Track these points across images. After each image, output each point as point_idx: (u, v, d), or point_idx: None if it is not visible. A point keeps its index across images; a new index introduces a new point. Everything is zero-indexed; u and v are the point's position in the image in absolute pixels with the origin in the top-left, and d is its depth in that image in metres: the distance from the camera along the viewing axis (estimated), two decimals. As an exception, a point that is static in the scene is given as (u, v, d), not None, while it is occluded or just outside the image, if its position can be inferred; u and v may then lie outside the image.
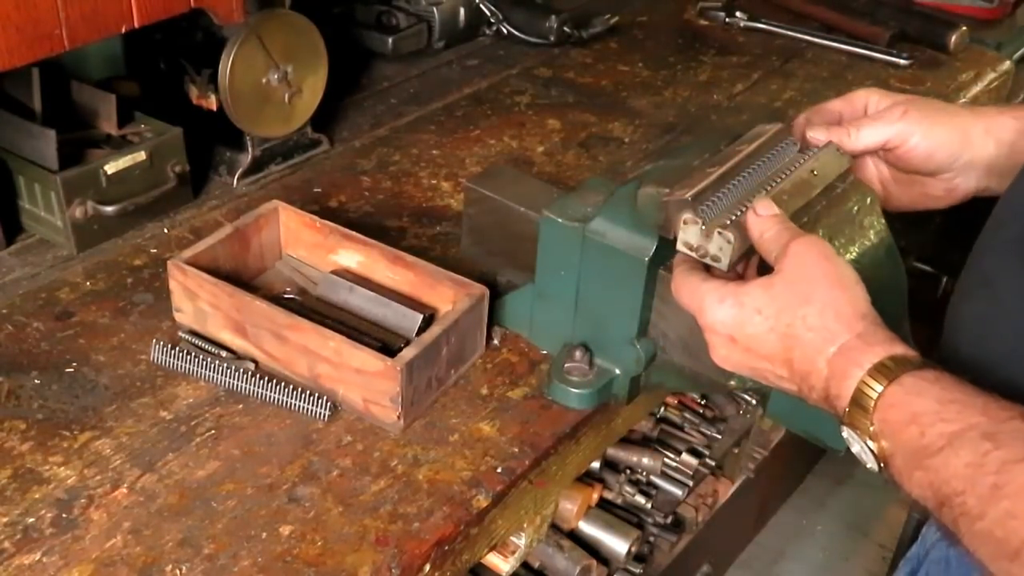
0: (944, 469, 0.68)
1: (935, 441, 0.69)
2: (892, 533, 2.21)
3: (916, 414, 0.71)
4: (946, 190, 1.00)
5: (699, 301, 0.84)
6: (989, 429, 0.67)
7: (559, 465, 1.04)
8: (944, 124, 0.97)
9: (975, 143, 0.96)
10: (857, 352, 0.76)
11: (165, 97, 1.35)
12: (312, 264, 1.16)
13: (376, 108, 1.59)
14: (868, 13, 1.89)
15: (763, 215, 0.86)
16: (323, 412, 0.99)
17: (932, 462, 0.69)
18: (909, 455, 0.71)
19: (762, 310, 0.80)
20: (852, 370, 0.75)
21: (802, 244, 0.81)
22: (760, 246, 0.85)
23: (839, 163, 0.97)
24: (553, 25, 1.77)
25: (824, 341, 0.77)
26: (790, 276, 0.80)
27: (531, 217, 1.07)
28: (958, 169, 0.97)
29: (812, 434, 0.98)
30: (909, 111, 0.97)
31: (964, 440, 0.67)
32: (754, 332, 0.81)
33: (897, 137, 0.96)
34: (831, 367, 0.77)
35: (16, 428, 0.97)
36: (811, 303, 0.79)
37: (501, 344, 1.11)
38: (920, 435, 0.70)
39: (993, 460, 0.65)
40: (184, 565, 0.85)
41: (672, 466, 1.58)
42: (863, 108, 1.01)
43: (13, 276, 1.18)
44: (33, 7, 0.94)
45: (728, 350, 0.84)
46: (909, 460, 0.71)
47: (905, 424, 0.71)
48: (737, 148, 0.96)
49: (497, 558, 1.12)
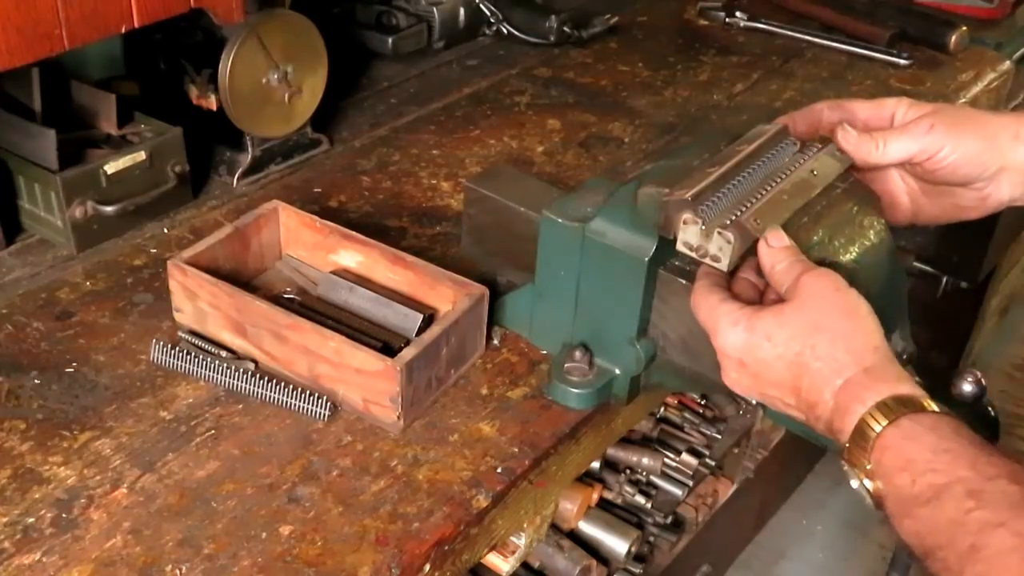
0: (929, 521, 0.68)
1: (924, 491, 0.69)
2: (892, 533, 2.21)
3: (909, 461, 0.71)
4: (978, 200, 0.98)
5: (714, 322, 0.84)
6: (975, 486, 0.67)
7: (559, 465, 1.04)
8: (973, 133, 0.95)
9: (1005, 149, 0.95)
10: (861, 388, 0.75)
11: (165, 97, 1.35)
12: (312, 264, 1.16)
13: (376, 108, 1.59)
14: (868, 13, 1.89)
15: (775, 246, 0.85)
16: (323, 412, 0.99)
17: (920, 512, 0.69)
18: (900, 502, 0.71)
19: (772, 337, 0.80)
20: (855, 406, 0.75)
21: (814, 276, 0.81)
22: (771, 277, 0.85)
23: (839, 163, 0.96)
24: (553, 25, 1.77)
25: (832, 372, 0.77)
26: (801, 306, 0.80)
27: (531, 217, 1.07)
28: (989, 178, 0.96)
29: (812, 434, 0.97)
30: (936, 124, 0.94)
31: (950, 495, 0.68)
32: (763, 358, 0.81)
33: (923, 152, 0.95)
34: (836, 400, 0.77)
35: (16, 428, 0.97)
36: (822, 332, 0.78)
37: (501, 344, 1.11)
38: (911, 483, 0.70)
39: (974, 520, 0.66)
40: (184, 565, 0.85)
41: (672, 466, 1.58)
42: (890, 117, 0.99)
43: (13, 276, 1.18)
44: (33, 7, 0.94)
45: (738, 374, 0.84)
46: (900, 507, 0.71)
47: (898, 470, 0.71)
48: (737, 148, 0.96)
49: (497, 558, 1.12)
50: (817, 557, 2.43)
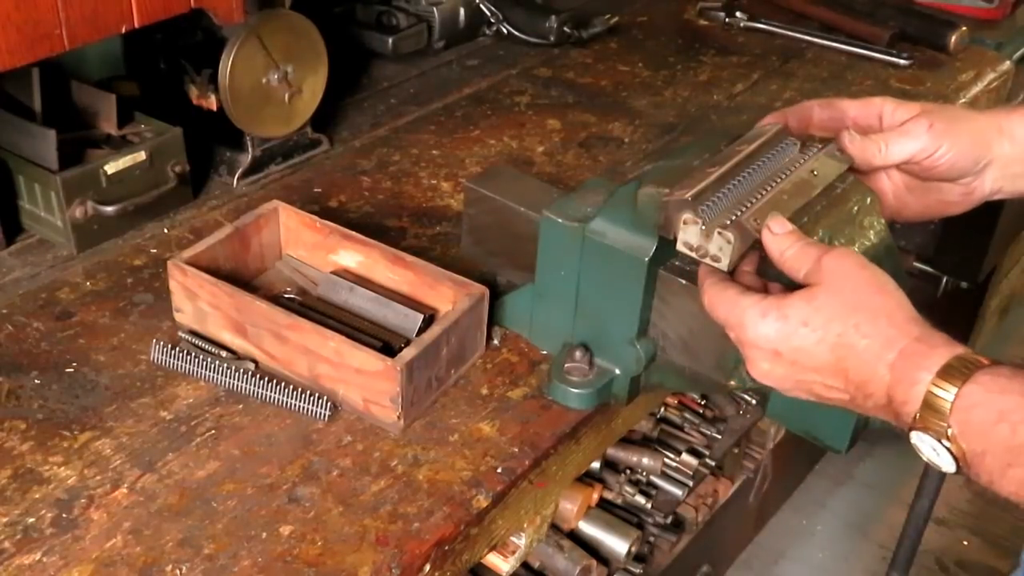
0: None
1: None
2: (892, 533, 2.21)
3: (1004, 411, 0.70)
4: (963, 195, 0.99)
5: (739, 317, 0.82)
6: None
7: (559, 465, 1.04)
8: (965, 130, 0.96)
9: (992, 144, 0.96)
10: (920, 356, 0.74)
11: (165, 97, 1.35)
12: (312, 264, 1.16)
13: (376, 108, 1.59)
14: (868, 13, 1.89)
15: (779, 233, 0.85)
16: (323, 412, 0.99)
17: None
18: (1002, 454, 0.70)
19: (808, 322, 0.79)
20: (919, 374, 0.74)
21: (836, 256, 0.81)
22: (783, 264, 0.84)
23: (839, 163, 0.96)
24: (553, 25, 1.77)
25: (883, 347, 0.76)
26: (832, 287, 0.79)
27: (531, 217, 1.07)
28: (977, 172, 0.97)
29: (812, 434, 0.98)
30: (935, 123, 0.96)
31: None
32: (801, 345, 0.79)
33: (924, 151, 0.96)
34: (894, 373, 0.75)
35: (16, 428, 0.97)
36: (861, 311, 0.78)
37: (501, 344, 1.11)
38: (1012, 432, 0.69)
39: None
40: (184, 565, 0.85)
41: (672, 466, 1.58)
42: (877, 115, 1.00)
43: (13, 276, 1.18)
44: (33, 7, 0.94)
45: (771, 364, 0.82)
46: (1001, 458, 0.70)
47: (994, 423, 0.70)
48: (737, 148, 0.96)
49: (497, 558, 1.12)
50: (817, 557, 2.43)
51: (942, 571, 2.38)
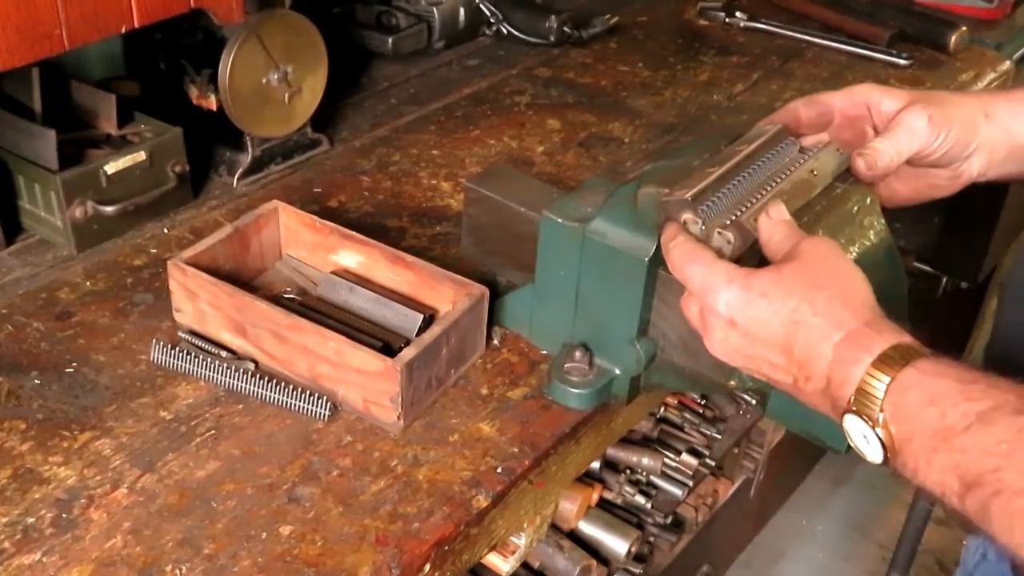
0: (973, 448, 0.66)
1: (959, 421, 0.67)
2: (892, 533, 2.21)
3: (936, 395, 0.69)
4: (951, 179, 1.00)
5: (707, 279, 0.82)
6: (1021, 405, 0.65)
7: (559, 465, 1.04)
8: (956, 116, 0.96)
9: (980, 128, 0.97)
10: (865, 338, 0.74)
11: (165, 97, 1.35)
12: (312, 264, 1.16)
13: (376, 108, 1.59)
14: (868, 13, 1.89)
15: (775, 218, 0.85)
16: (323, 412, 0.99)
17: (957, 443, 0.67)
18: (928, 437, 0.69)
19: (768, 293, 0.79)
20: (860, 355, 0.74)
21: (813, 241, 0.82)
22: (767, 247, 0.85)
23: (838, 162, 0.96)
24: (553, 25, 1.77)
25: (831, 327, 0.76)
26: (799, 265, 0.80)
27: (531, 217, 1.07)
28: (966, 157, 0.98)
29: (812, 434, 0.98)
30: (932, 113, 0.96)
31: (995, 416, 0.66)
32: (756, 315, 0.80)
33: (927, 144, 0.96)
34: (837, 352, 0.75)
35: (16, 428, 0.97)
36: (820, 289, 0.78)
37: (501, 344, 1.11)
38: (941, 416, 0.68)
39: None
40: (184, 565, 0.85)
41: (672, 466, 1.58)
42: (864, 103, 1.01)
43: (13, 276, 1.18)
44: (33, 7, 0.94)
45: (725, 333, 0.82)
46: (928, 442, 0.69)
47: (923, 406, 0.70)
48: (737, 148, 0.96)
49: (497, 558, 1.12)
50: (817, 557, 2.43)
51: (942, 571, 2.38)
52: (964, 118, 0.96)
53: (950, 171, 0.99)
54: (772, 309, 0.79)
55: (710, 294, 0.82)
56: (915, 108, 0.96)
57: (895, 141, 0.96)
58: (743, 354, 0.82)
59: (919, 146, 0.96)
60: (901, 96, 0.99)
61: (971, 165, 0.99)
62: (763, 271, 0.81)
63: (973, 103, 0.99)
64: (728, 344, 0.83)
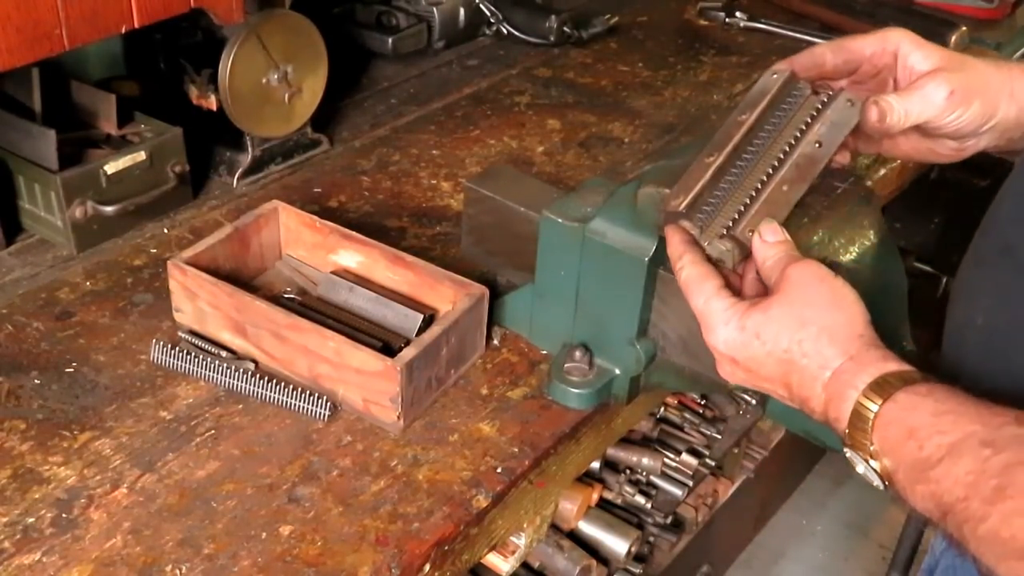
0: (945, 479, 0.68)
1: (934, 453, 0.69)
2: (892, 533, 2.21)
3: (912, 429, 0.71)
4: (956, 150, 0.97)
5: (707, 316, 0.83)
6: (986, 436, 0.68)
7: (559, 465, 1.04)
8: (980, 94, 0.92)
9: (1000, 108, 0.93)
10: (850, 374, 0.76)
11: (165, 97, 1.35)
12: (312, 264, 1.16)
13: (376, 108, 1.59)
14: (868, 13, 1.89)
15: (769, 241, 0.85)
16: (323, 412, 0.99)
17: (932, 473, 0.69)
18: (909, 469, 0.72)
19: (760, 334, 0.80)
20: (847, 392, 0.75)
21: (798, 267, 0.81)
22: (761, 271, 0.85)
23: (847, 120, 0.92)
24: (553, 25, 1.77)
25: (819, 367, 0.78)
26: (787, 299, 0.80)
27: (531, 217, 1.07)
28: (980, 134, 0.95)
29: (812, 434, 0.98)
30: (955, 89, 0.91)
31: (963, 448, 0.68)
32: (753, 355, 0.81)
33: (938, 117, 0.92)
34: (827, 391, 0.77)
35: (16, 428, 0.97)
36: (807, 327, 0.78)
37: (501, 344, 1.11)
38: (918, 448, 0.70)
39: (994, 464, 0.66)
40: (184, 565, 0.85)
41: (672, 466, 1.59)
42: (894, 53, 0.96)
43: (13, 276, 1.18)
44: (33, 7, 0.94)
45: (732, 368, 0.84)
46: (910, 474, 0.72)
47: (903, 440, 0.72)
48: (740, 119, 0.92)
49: (497, 558, 1.12)
50: (817, 557, 2.43)
51: (942, 571, 2.38)
52: (988, 96, 0.93)
53: (957, 143, 0.96)
54: (766, 350, 0.80)
55: (710, 333, 0.83)
56: (939, 78, 0.92)
57: (907, 104, 0.92)
58: (751, 384, 0.84)
59: (929, 117, 0.92)
60: (931, 56, 0.94)
61: (980, 141, 0.96)
62: (755, 309, 0.81)
63: (1003, 79, 0.94)
64: (736, 376, 0.85)
